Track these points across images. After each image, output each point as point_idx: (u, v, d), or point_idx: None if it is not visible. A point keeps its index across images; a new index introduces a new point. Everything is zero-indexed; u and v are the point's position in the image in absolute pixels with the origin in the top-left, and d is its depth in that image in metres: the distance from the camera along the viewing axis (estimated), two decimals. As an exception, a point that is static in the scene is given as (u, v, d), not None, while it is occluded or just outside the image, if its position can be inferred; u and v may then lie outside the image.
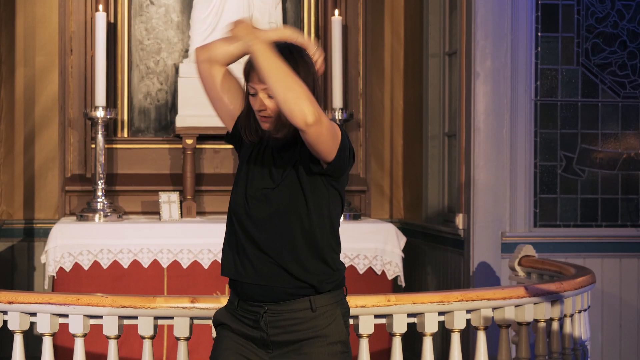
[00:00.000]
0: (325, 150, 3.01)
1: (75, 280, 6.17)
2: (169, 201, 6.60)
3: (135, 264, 6.27)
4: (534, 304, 4.54)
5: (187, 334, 4.15)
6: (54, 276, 6.22)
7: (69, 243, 6.22)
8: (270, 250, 3.08)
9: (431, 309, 4.24)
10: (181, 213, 6.68)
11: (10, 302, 4.14)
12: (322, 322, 3.08)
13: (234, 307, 3.18)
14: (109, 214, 6.53)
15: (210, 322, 4.15)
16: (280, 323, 3.09)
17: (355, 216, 6.83)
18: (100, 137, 6.60)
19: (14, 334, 4.22)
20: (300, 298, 3.09)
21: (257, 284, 3.10)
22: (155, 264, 6.29)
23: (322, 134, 2.97)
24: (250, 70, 3.08)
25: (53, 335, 4.19)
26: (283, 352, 3.11)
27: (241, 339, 3.16)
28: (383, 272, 6.45)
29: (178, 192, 6.71)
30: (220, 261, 3.39)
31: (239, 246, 3.14)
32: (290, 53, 3.08)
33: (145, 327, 4.15)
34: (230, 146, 7.06)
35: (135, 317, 4.15)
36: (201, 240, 6.34)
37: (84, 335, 4.17)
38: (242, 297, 3.15)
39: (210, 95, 3.32)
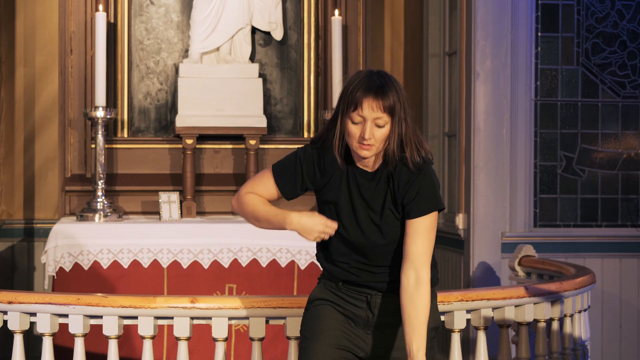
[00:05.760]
0: None
1: (75, 280, 6.17)
2: (169, 201, 6.60)
3: (135, 264, 6.27)
4: (534, 304, 4.54)
5: (187, 334, 4.15)
6: (54, 276, 6.22)
7: (69, 243, 6.22)
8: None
9: (431, 309, 4.24)
10: (181, 213, 6.68)
11: (10, 302, 4.14)
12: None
13: (337, 287, 3.39)
14: (109, 214, 6.53)
15: (210, 322, 4.17)
16: (387, 306, 3.34)
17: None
18: (100, 137, 6.60)
19: (14, 334, 4.22)
20: None
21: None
22: (155, 264, 6.29)
23: None
24: (363, 99, 3.17)
25: (53, 335, 4.19)
26: (381, 335, 3.34)
27: (341, 315, 3.38)
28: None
29: (178, 192, 6.71)
30: (219, 260, 3.50)
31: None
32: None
33: (145, 327, 4.15)
34: (231, 146, 7.12)
35: (135, 317, 4.15)
36: (201, 240, 6.34)
37: (84, 335, 4.17)
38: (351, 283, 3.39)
39: None
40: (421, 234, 3.24)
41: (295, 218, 3.25)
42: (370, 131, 3.18)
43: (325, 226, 3.25)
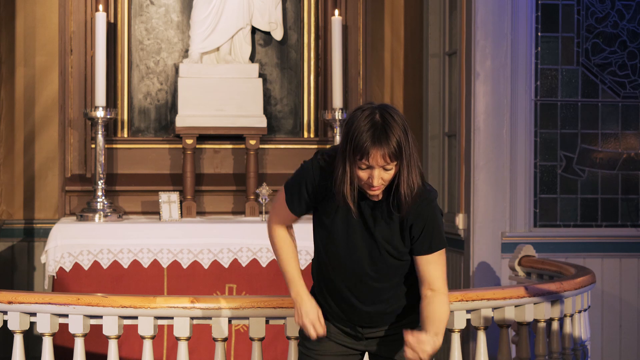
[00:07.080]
0: None
1: (75, 280, 6.17)
2: (169, 201, 6.60)
3: (135, 264, 6.27)
4: (534, 304, 4.54)
5: (187, 334, 4.15)
6: (54, 276, 6.22)
7: (69, 243, 6.22)
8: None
9: (431, 309, 4.24)
10: (181, 213, 6.68)
11: (10, 302, 4.14)
12: (416, 318, 3.45)
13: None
14: (109, 214, 6.53)
15: (210, 322, 4.16)
16: (373, 330, 3.46)
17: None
18: (100, 137, 6.60)
19: (14, 334, 4.22)
20: None
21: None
22: (155, 264, 6.29)
23: None
24: (370, 150, 3.16)
25: (53, 335, 4.19)
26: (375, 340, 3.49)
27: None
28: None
29: (178, 192, 6.72)
30: (219, 260, 3.52)
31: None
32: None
33: (145, 327, 4.15)
34: (231, 146, 7.12)
35: (135, 317, 4.15)
36: (201, 240, 6.34)
37: (84, 335, 4.17)
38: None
39: None
40: (432, 263, 3.32)
41: (301, 298, 3.38)
42: (379, 177, 3.21)
43: (313, 324, 3.35)
